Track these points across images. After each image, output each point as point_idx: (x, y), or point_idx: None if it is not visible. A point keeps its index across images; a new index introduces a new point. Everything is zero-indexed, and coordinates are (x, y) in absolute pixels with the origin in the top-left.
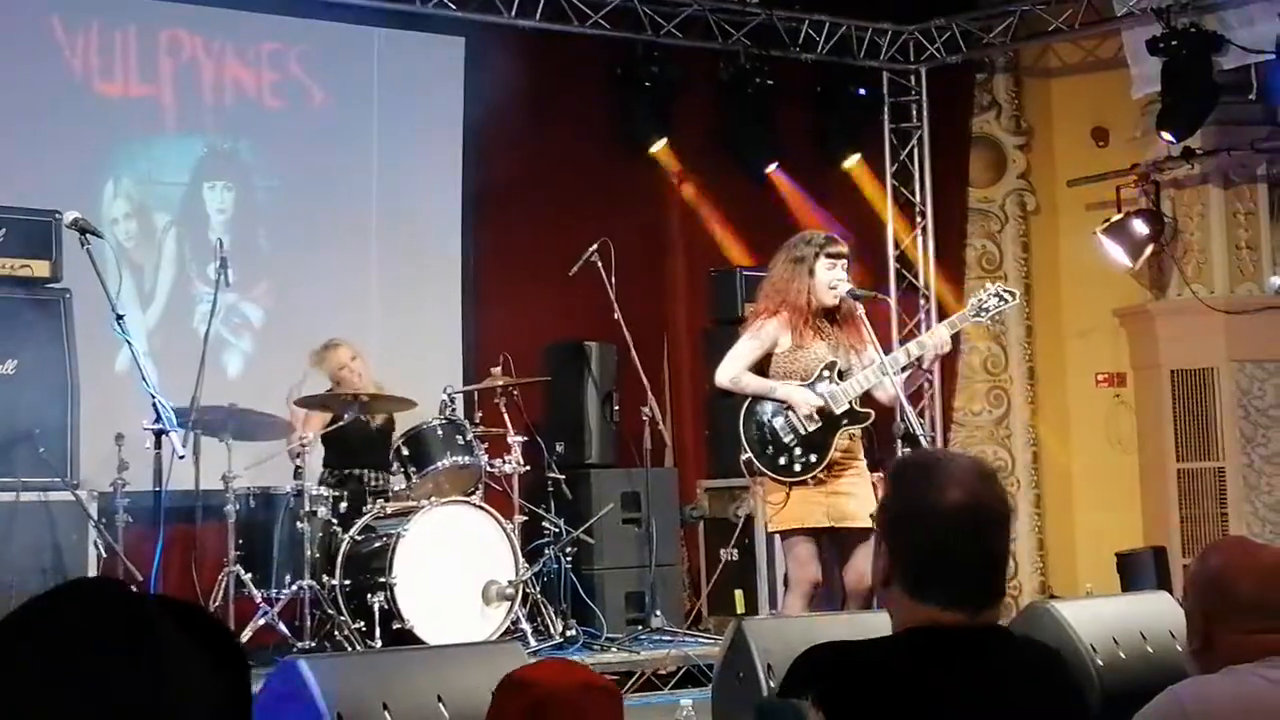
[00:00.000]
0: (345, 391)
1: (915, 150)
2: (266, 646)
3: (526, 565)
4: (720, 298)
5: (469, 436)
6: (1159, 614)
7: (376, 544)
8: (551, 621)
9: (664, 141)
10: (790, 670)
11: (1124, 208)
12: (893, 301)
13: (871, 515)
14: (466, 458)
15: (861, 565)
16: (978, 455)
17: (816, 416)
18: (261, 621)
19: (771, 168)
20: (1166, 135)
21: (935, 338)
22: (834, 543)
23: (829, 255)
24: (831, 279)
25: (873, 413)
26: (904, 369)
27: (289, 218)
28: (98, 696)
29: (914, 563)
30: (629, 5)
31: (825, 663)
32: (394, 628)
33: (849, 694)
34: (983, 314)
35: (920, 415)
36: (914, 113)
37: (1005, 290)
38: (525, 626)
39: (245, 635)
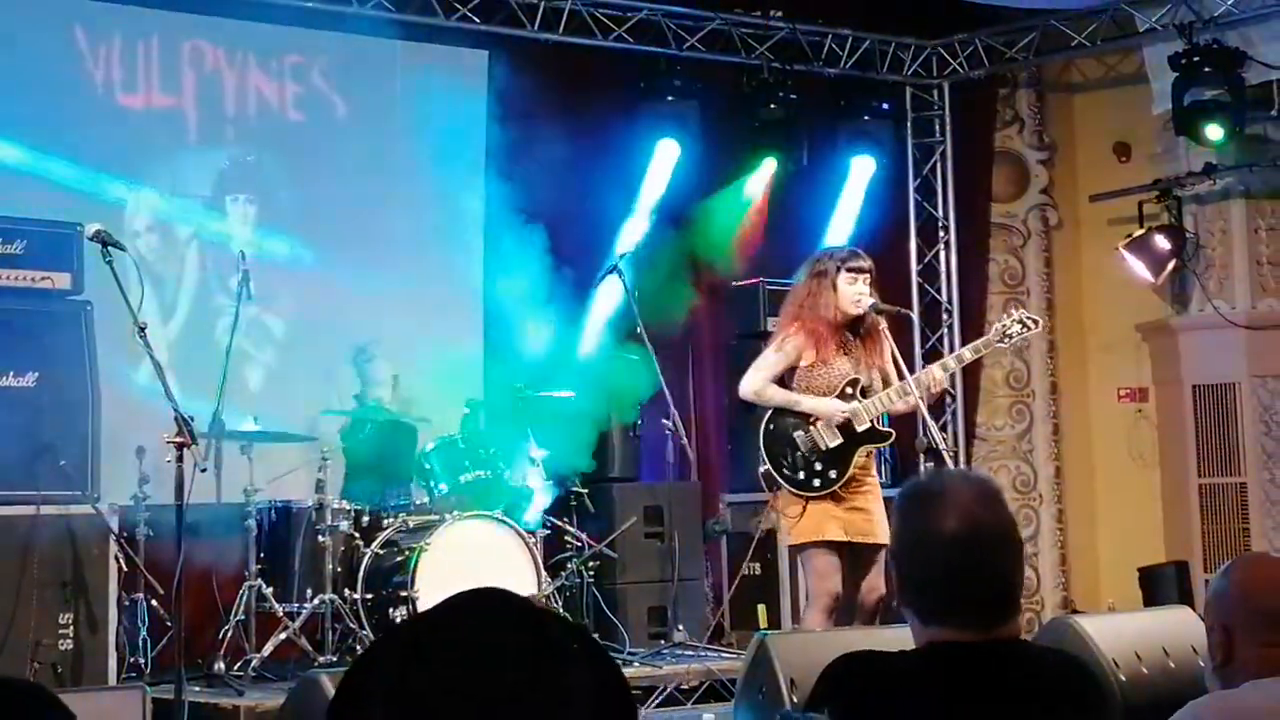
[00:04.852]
0: (368, 417)
1: (938, 165)
2: (287, 661)
3: (549, 579)
4: (743, 311)
5: (491, 450)
6: (1181, 629)
7: (399, 558)
8: None
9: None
10: (821, 678)
11: (1146, 223)
12: (915, 316)
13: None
14: (489, 471)
15: (874, 579)
16: (985, 477)
17: (839, 432)
18: (283, 636)
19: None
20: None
21: (930, 377)
22: (848, 557)
23: (850, 269)
24: (854, 293)
25: (894, 433)
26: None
27: (311, 230)
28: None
29: (920, 591)
30: (653, 19)
31: (853, 671)
32: None
33: (874, 703)
34: (1006, 340)
35: (943, 429)
36: (937, 127)
37: (1029, 317)
38: None
39: (266, 650)
